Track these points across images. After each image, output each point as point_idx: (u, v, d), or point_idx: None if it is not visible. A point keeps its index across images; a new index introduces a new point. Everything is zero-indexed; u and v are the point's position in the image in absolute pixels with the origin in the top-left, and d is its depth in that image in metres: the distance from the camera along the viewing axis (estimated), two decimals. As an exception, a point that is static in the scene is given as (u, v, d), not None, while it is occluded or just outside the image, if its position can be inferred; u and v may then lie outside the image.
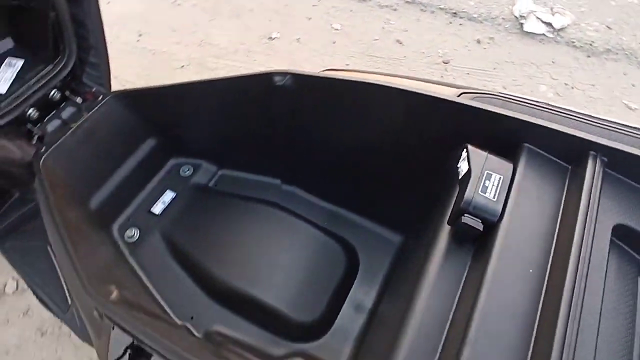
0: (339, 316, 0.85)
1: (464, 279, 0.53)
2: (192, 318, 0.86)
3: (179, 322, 0.85)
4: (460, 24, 2.32)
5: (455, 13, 2.36)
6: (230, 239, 0.94)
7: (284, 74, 0.79)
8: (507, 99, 0.66)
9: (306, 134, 0.91)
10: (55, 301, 1.17)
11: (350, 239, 0.94)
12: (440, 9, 2.42)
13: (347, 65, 2.26)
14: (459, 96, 0.65)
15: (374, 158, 0.84)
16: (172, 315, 0.86)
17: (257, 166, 1.06)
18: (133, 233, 0.97)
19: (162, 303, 0.88)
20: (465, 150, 0.58)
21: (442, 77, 2.14)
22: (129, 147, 1.01)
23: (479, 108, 0.61)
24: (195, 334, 0.84)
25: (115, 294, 0.55)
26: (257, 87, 0.84)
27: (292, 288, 0.87)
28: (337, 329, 0.84)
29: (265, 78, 0.81)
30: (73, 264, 0.63)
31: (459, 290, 0.52)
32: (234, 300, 0.87)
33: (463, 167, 0.58)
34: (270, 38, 2.42)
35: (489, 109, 0.61)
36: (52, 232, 0.72)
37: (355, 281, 0.89)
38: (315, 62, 2.29)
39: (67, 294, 1.19)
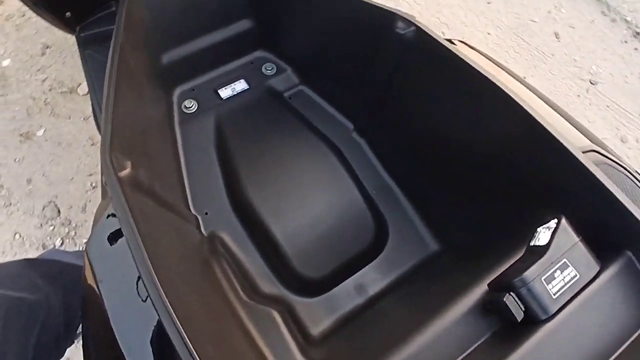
0: (337, 287, 0.81)
1: (475, 346, 0.45)
2: (206, 214, 0.85)
3: (193, 211, 0.84)
4: (636, 49, 1.94)
5: (638, 33, 1.97)
6: (274, 160, 0.88)
7: (409, 22, 0.66)
8: (641, 186, 0.52)
9: (401, 94, 0.80)
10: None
11: (389, 221, 0.86)
12: (625, 20, 2.02)
13: (489, 34, 1.99)
14: (586, 152, 0.52)
15: (458, 158, 0.72)
16: (189, 200, 0.85)
17: (338, 99, 0.96)
18: (191, 105, 0.94)
19: (186, 184, 0.87)
20: (556, 221, 0.46)
21: (578, 96, 1.85)
22: (225, 18, 0.94)
23: (601, 183, 0.47)
24: (202, 230, 0.83)
25: (126, 172, 0.52)
26: (375, 21, 0.72)
27: (308, 238, 0.82)
28: (329, 298, 0.80)
29: (386, 16, 0.68)
30: (113, 108, 0.59)
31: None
32: (250, 220, 0.84)
33: (542, 237, 0.47)
34: (426, -34, 2.16)
35: (612, 190, 0.47)
36: (112, 65, 0.67)
37: (370, 264, 0.83)
38: (457, 15, 2.04)
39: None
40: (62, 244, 1.62)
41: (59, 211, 1.66)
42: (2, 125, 1.74)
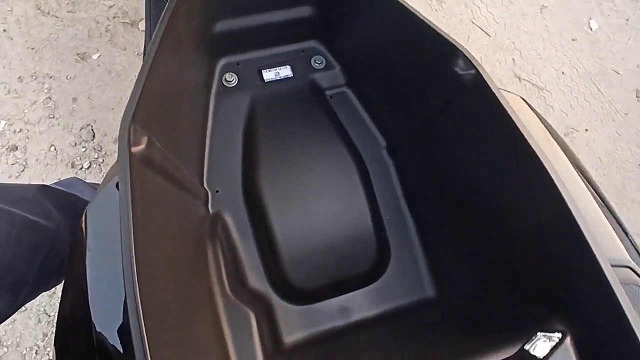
0: (322, 302, 0.79)
1: None
2: (217, 191, 0.84)
3: (205, 185, 0.84)
4: None
5: None
6: (297, 158, 0.86)
7: (470, 65, 0.61)
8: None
9: (443, 128, 0.75)
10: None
11: (393, 251, 0.83)
12: None
13: (562, 74, 1.86)
14: (617, 266, 0.46)
15: (482, 216, 0.68)
16: (205, 174, 0.85)
17: (378, 112, 0.92)
18: (232, 79, 0.92)
19: (206, 157, 0.86)
20: (560, 336, 0.42)
21: (639, 166, 1.72)
22: (289, 0, 0.91)
23: (620, 307, 0.42)
24: (209, 207, 0.82)
25: (141, 148, 0.51)
26: (436, 50, 0.67)
27: (307, 246, 0.81)
28: (311, 310, 0.79)
29: (449, 50, 0.63)
30: (147, 74, 0.58)
31: None
32: (257, 210, 0.83)
33: (540, 345, 0.43)
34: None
35: (630, 319, 0.42)
36: (159, 28, 0.66)
37: (361, 289, 0.81)
38: (535, 44, 1.92)
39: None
40: (89, 166, 1.68)
41: (93, 135, 1.71)
42: (64, 40, 1.79)
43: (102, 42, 1.77)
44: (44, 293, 1.57)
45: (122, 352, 0.52)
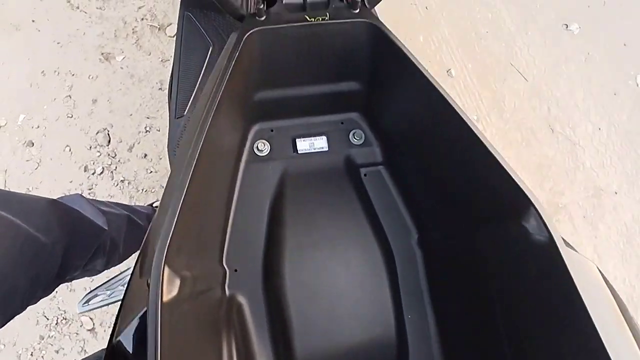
0: None
1: None
2: (235, 270, 0.80)
3: (224, 263, 0.80)
4: None
5: None
6: (324, 248, 0.82)
7: (544, 227, 0.53)
8: None
9: (485, 253, 0.70)
10: (177, 97, 1.14)
11: (412, 356, 0.80)
12: None
13: (599, 129, 1.78)
14: None
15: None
16: (225, 249, 0.81)
17: (414, 200, 0.87)
18: (264, 148, 0.87)
19: (228, 231, 0.82)
20: None
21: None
22: (337, 75, 0.85)
23: None
24: (226, 288, 0.79)
25: (173, 295, 0.47)
26: (504, 197, 0.61)
27: (323, 346, 0.77)
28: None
29: (521, 203, 0.56)
30: (183, 200, 0.53)
31: None
32: (275, 299, 0.79)
33: None
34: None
35: None
36: (211, 87, 0.62)
37: None
38: (574, 93, 1.83)
39: (191, 103, 1.16)
40: (102, 172, 1.65)
41: (109, 141, 1.67)
42: (90, 37, 1.73)
43: (127, 44, 1.71)
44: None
45: None
